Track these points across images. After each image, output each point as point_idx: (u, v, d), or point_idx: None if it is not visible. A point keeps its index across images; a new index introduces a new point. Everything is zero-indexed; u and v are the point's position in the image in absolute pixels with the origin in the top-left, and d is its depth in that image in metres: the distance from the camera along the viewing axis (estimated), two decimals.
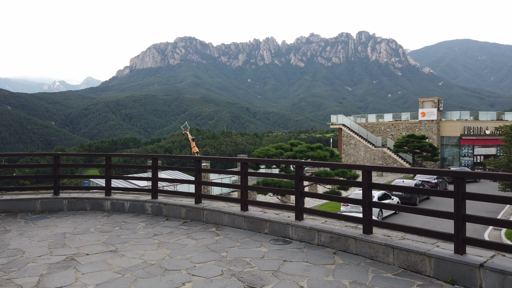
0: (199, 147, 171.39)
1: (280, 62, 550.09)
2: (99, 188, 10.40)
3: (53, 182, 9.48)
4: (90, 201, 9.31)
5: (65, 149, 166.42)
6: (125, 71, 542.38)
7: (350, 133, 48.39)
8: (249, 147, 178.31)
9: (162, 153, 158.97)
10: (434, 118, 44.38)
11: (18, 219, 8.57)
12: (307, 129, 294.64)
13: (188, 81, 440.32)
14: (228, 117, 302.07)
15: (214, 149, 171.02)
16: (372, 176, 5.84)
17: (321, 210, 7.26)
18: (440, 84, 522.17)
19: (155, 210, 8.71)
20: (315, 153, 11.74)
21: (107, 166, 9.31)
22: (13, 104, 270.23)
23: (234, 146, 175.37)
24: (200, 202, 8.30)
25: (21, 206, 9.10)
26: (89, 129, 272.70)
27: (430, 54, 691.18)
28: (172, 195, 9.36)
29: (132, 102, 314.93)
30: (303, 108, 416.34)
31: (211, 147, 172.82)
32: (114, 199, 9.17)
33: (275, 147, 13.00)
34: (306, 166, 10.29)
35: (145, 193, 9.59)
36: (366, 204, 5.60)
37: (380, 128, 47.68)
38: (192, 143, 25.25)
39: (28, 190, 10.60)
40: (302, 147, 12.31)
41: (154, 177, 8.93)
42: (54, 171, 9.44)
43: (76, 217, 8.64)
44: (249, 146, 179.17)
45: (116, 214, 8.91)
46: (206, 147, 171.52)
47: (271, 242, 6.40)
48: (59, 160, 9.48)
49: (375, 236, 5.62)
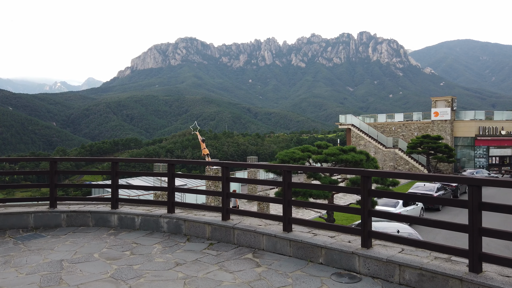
0: (200, 149, 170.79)
1: (281, 62, 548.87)
2: (103, 200, 8.83)
3: (49, 192, 7.95)
4: (93, 216, 7.77)
5: (66, 150, 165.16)
6: (126, 71, 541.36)
7: (360, 133, 46.83)
8: (251, 147, 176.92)
9: (164, 154, 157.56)
10: (448, 118, 42.81)
11: (7, 238, 7.05)
12: (309, 129, 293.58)
13: (189, 82, 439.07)
14: (229, 118, 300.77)
15: (216, 149, 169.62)
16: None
17: (395, 234, 5.70)
18: (442, 84, 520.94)
19: (173, 228, 7.17)
20: (348, 156, 10.21)
21: (113, 173, 7.78)
22: (14, 105, 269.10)
23: (236, 147, 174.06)
24: (228, 218, 6.76)
25: (11, 221, 7.57)
26: (90, 130, 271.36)
27: (431, 54, 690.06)
28: (191, 208, 7.79)
29: (133, 102, 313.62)
30: (304, 109, 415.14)
31: (213, 147, 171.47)
32: (122, 213, 7.63)
33: (300, 149, 11.46)
34: (335, 173, 8.80)
35: (158, 206, 8.05)
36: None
37: (391, 128, 46.11)
38: (202, 144, 23.53)
39: (22, 201, 9.05)
40: (333, 149, 10.76)
41: (171, 186, 7.39)
42: (50, 179, 7.91)
43: (76, 236, 7.11)
44: (251, 147, 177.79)
45: (124, 231, 7.38)
46: (208, 148, 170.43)
47: (334, 278, 4.85)
48: (56, 166, 7.96)
49: (487, 276, 4.08)
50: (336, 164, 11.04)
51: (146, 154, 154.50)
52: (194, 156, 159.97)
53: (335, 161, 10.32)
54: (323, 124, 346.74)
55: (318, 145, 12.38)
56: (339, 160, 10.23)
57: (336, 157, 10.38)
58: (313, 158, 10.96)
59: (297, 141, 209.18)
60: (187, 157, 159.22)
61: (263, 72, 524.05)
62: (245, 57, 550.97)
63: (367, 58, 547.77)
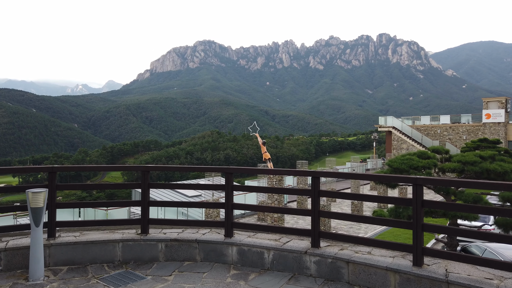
0: (220, 151, 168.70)
1: (299, 65, 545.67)
2: (214, 224, 6.54)
3: (141, 214, 5.86)
4: (201, 247, 5.64)
5: (88, 151, 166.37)
6: (145, 74, 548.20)
7: (402, 136, 43.98)
8: (270, 150, 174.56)
9: (184, 156, 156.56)
10: (502, 121, 39.55)
11: (91, 279, 5.00)
12: (328, 132, 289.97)
13: (207, 84, 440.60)
14: (247, 120, 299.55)
15: (235, 152, 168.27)
16: None
17: None
18: (464, 87, 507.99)
19: (326, 271, 4.95)
20: (496, 165, 7.84)
21: (228, 187, 5.64)
22: (38, 107, 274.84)
23: (255, 150, 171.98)
24: (421, 263, 4.49)
25: (92, 253, 5.52)
26: (110, 132, 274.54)
27: (453, 56, 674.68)
28: (346, 242, 5.43)
29: (153, 105, 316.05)
30: (322, 111, 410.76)
31: (232, 150, 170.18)
32: (244, 244, 5.45)
33: (418, 155, 9.14)
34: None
35: (295, 236, 5.79)
36: None
37: (436, 131, 43.11)
38: (263, 147, 21.09)
39: (106, 224, 7.00)
40: (472, 156, 8.36)
41: (315, 212, 5.18)
42: (143, 194, 5.82)
43: (187, 279, 5.00)
44: (270, 149, 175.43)
45: (253, 273, 5.20)
46: (227, 150, 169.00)
47: None
48: (149, 177, 5.85)
49: None
50: (465, 174, 8.69)
51: (167, 156, 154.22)
52: (213, 158, 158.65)
53: (480, 173, 7.93)
54: (342, 127, 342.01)
55: (435, 150, 10.03)
56: (484, 170, 7.85)
57: (477, 166, 8.03)
58: (440, 166, 8.62)
59: (317, 144, 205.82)
60: (207, 159, 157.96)
61: (280, 74, 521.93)
62: (262, 60, 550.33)
63: (386, 60, 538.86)
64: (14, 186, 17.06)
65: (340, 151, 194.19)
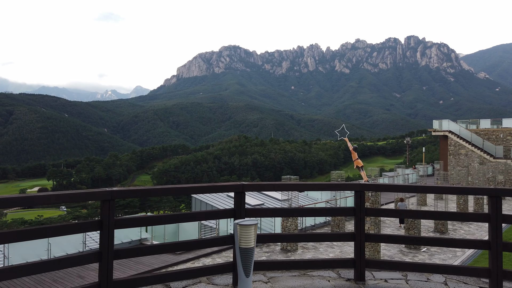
0: (247, 155, 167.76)
1: (324, 68, 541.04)
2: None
3: (354, 251, 7.82)
4: None
5: (118, 154, 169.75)
6: (172, 80, 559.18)
7: (460, 141, 41.29)
8: (298, 155, 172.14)
9: (212, 160, 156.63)
10: None
11: None
12: (356, 137, 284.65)
13: (233, 89, 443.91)
14: (272, 124, 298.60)
15: (263, 156, 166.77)
16: None
17: None
18: (497, 90, 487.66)
19: None
20: None
21: None
22: (69, 112, 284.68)
23: (283, 154, 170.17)
24: None
25: None
26: (138, 136, 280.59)
27: (485, 58, 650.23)
28: None
29: (179, 109, 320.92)
30: (348, 115, 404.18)
31: (260, 154, 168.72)
32: None
33: None
34: None
35: None
36: None
37: (498, 135, 40.22)
38: (354, 154, 19.05)
39: None
40: None
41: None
42: (358, 215, 4.15)
43: None
44: (298, 154, 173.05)
45: None
46: (255, 155, 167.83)
47: None
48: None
49: None
50: None
51: (195, 160, 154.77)
52: (241, 162, 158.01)
53: None
54: (369, 131, 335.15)
55: None
56: None
57: None
58: None
59: (345, 148, 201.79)
60: (235, 163, 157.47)
61: (305, 78, 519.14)
62: (287, 64, 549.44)
63: (415, 63, 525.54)
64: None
65: (369, 156, 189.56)
